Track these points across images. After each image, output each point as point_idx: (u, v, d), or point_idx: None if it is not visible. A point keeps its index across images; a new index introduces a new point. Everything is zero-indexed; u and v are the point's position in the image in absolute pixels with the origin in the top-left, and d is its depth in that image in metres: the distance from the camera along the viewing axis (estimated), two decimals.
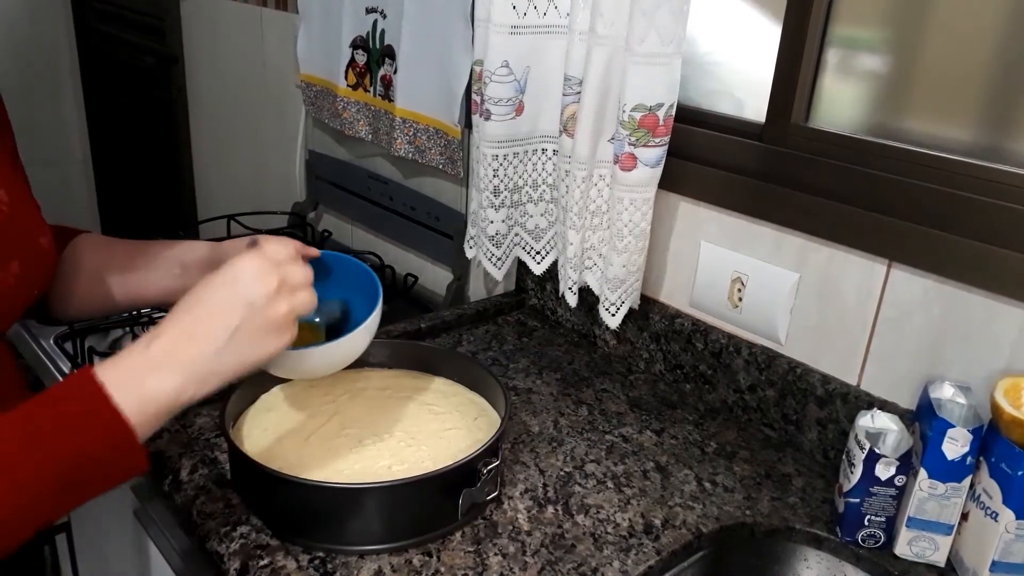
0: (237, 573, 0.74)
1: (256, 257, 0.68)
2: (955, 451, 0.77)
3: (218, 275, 0.67)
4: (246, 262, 0.67)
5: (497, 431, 0.84)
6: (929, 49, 0.93)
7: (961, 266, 0.84)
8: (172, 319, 0.66)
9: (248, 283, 0.66)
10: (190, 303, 0.66)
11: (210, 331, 0.65)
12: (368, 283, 0.86)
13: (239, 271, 0.67)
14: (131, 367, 0.62)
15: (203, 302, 0.66)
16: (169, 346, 0.64)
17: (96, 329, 1.31)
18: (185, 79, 2.19)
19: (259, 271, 0.67)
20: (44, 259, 0.77)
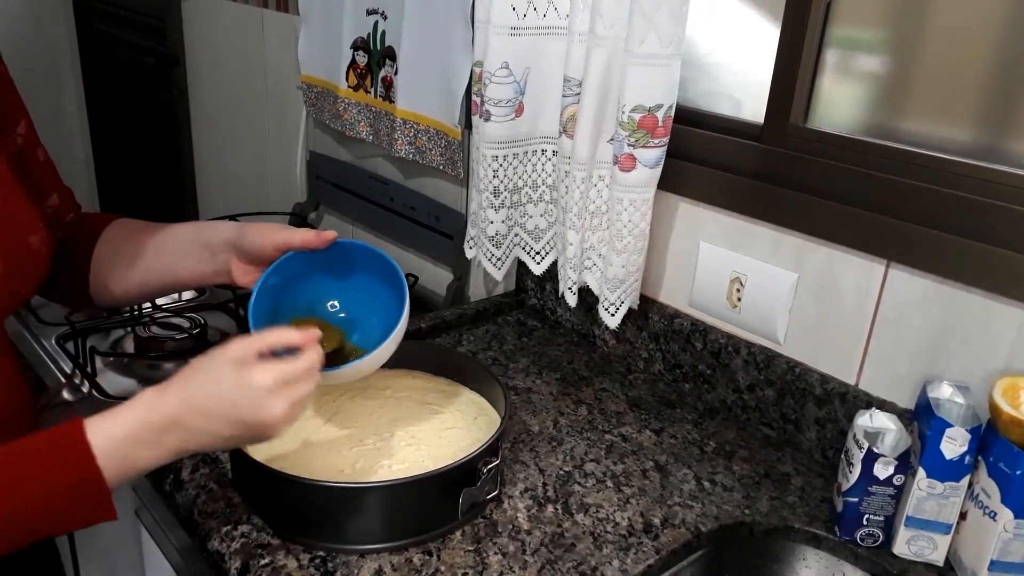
0: (238, 572, 0.74)
1: (272, 383, 0.67)
2: (953, 450, 0.77)
3: (233, 380, 0.67)
4: (261, 385, 0.66)
5: (497, 430, 0.84)
6: (928, 50, 0.93)
7: (959, 266, 0.85)
8: (176, 398, 0.66)
9: (253, 408, 0.67)
10: (197, 394, 0.67)
11: (203, 429, 0.67)
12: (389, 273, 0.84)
13: (249, 390, 0.66)
14: (121, 438, 0.64)
15: (207, 402, 0.66)
16: (162, 427, 0.65)
17: (97, 329, 1.32)
18: (186, 80, 2.19)
19: (269, 400, 0.67)
20: (32, 259, 0.75)
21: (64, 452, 0.63)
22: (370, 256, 0.85)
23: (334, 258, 0.85)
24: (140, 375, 1.22)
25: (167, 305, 1.43)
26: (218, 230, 0.85)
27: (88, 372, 1.19)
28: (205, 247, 0.85)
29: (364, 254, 0.86)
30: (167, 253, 0.86)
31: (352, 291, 0.88)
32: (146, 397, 0.66)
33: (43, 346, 1.27)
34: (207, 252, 0.85)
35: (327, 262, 0.85)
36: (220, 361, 0.68)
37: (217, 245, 0.84)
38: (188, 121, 2.24)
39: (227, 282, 0.86)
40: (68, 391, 1.16)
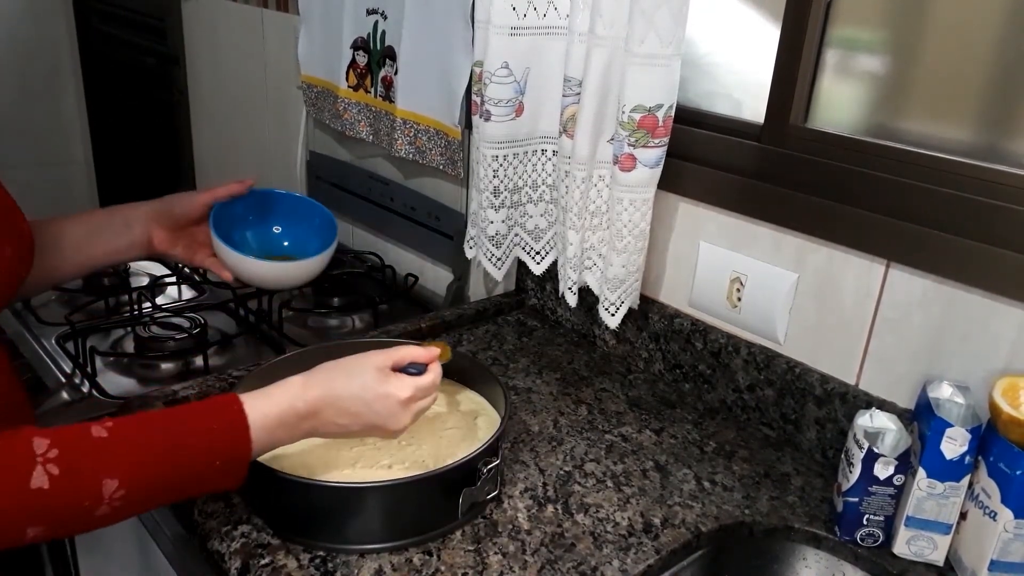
0: (238, 572, 0.75)
1: (408, 396, 0.76)
2: (953, 450, 0.77)
3: (376, 387, 0.76)
4: (398, 396, 0.76)
5: (497, 430, 0.84)
6: (928, 50, 0.93)
7: (959, 266, 0.85)
8: (320, 391, 0.75)
9: (386, 416, 0.76)
10: (340, 393, 0.75)
11: (334, 423, 0.75)
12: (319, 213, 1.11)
13: (388, 400, 0.76)
14: (273, 419, 0.72)
15: (347, 402, 0.75)
16: (304, 415, 0.74)
17: (97, 329, 1.32)
18: (186, 80, 2.19)
19: (401, 412, 0.77)
20: (28, 242, 0.81)
21: (226, 423, 0.70)
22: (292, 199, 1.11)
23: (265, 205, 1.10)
24: (140, 375, 1.22)
25: (167, 305, 1.43)
26: (135, 206, 0.98)
27: (88, 372, 1.19)
28: (120, 223, 0.96)
29: (287, 198, 1.11)
30: (74, 236, 0.94)
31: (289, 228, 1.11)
32: (294, 385, 0.74)
33: (43, 346, 1.27)
34: (122, 227, 0.96)
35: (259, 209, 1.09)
36: (365, 367, 0.77)
37: (135, 219, 0.97)
38: (188, 121, 2.24)
39: (142, 254, 0.99)
40: (68, 391, 1.16)
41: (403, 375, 0.78)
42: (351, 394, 0.75)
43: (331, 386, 0.75)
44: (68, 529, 0.65)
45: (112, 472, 0.64)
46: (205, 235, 1.02)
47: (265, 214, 1.10)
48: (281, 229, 1.11)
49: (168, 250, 1.00)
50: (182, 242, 1.01)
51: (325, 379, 0.76)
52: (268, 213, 1.11)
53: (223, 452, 0.70)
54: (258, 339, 1.34)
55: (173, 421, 0.69)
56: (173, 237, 1.00)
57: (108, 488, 0.63)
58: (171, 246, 1.00)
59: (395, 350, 0.79)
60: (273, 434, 0.72)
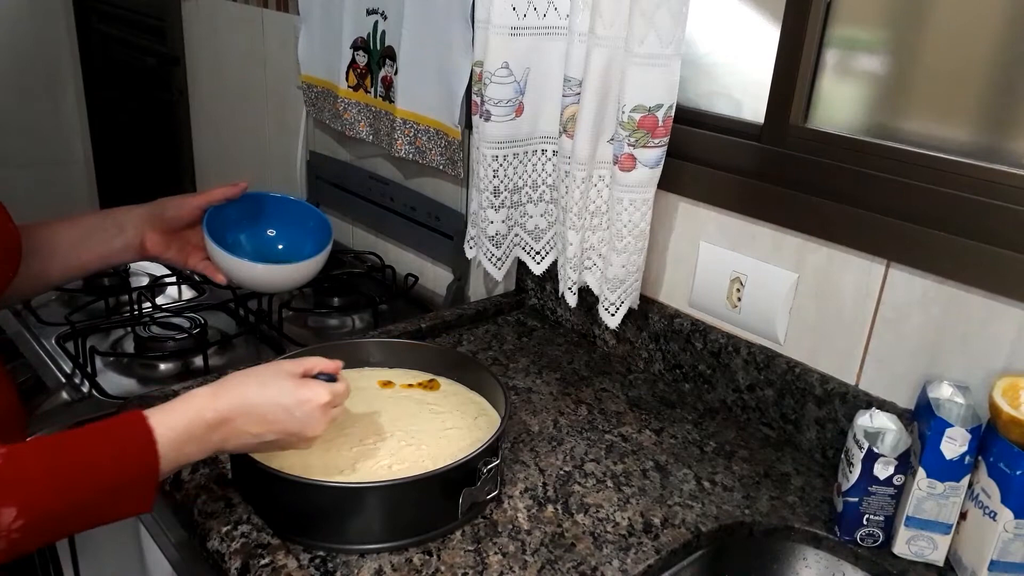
0: (238, 572, 0.74)
1: (327, 401, 0.76)
2: (953, 450, 0.77)
3: (292, 394, 0.74)
4: (317, 401, 0.75)
5: (497, 430, 0.84)
6: (928, 50, 0.93)
7: (959, 266, 0.85)
8: (232, 397, 0.72)
9: (304, 422, 0.75)
10: (254, 400, 0.73)
11: (247, 431, 0.73)
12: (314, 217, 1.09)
13: (306, 406, 0.75)
14: (180, 430, 0.69)
15: (261, 408, 0.73)
16: (214, 424, 0.71)
17: (97, 329, 1.32)
18: (186, 80, 2.19)
19: (318, 417, 0.76)
20: (14, 243, 0.80)
21: (131, 440, 0.67)
22: (285, 203, 1.10)
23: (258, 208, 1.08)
24: (140, 375, 1.22)
25: (167, 305, 1.43)
26: (128, 209, 0.97)
27: (88, 372, 1.19)
28: (113, 225, 0.96)
29: (281, 202, 1.09)
30: (65, 239, 0.93)
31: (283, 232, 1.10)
32: (201, 396, 0.72)
33: (43, 346, 1.27)
34: (115, 229, 0.95)
35: (252, 213, 1.07)
36: (278, 374, 0.76)
37: (127, 221, 0.96)
38: (188, 121, 2.24)
39: (135, 257, 0.99)
40: (68, 391, 1.16)
41: (319, 381, 0.78)
42: (268, 400, 0.73)
43: (243, 393, 0.73)
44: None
45: (8, 500, 0.59)
46: (198, 238, 1.00)
47: (259, 217, 1.09)
48: (275, 232, 1.10)
49: (161, 253, 0.99)
50: (175, 245, 1.00)
51: (236, 386, 0.74)
52: (262, 216, 1.09)
53: (129, 472, 0.66)
54: (258, 339, 1.34)
55: (73, 443, 0.65)
56: (166, 240, 0.99)
57: (5, 518, 0.59)
58: (164, 249, 0.99)
59: (302, 359, 0.79)
60: (182, 449, 0.69)
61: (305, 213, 1.11)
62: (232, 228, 1.05)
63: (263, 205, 1.09)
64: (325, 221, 1.09)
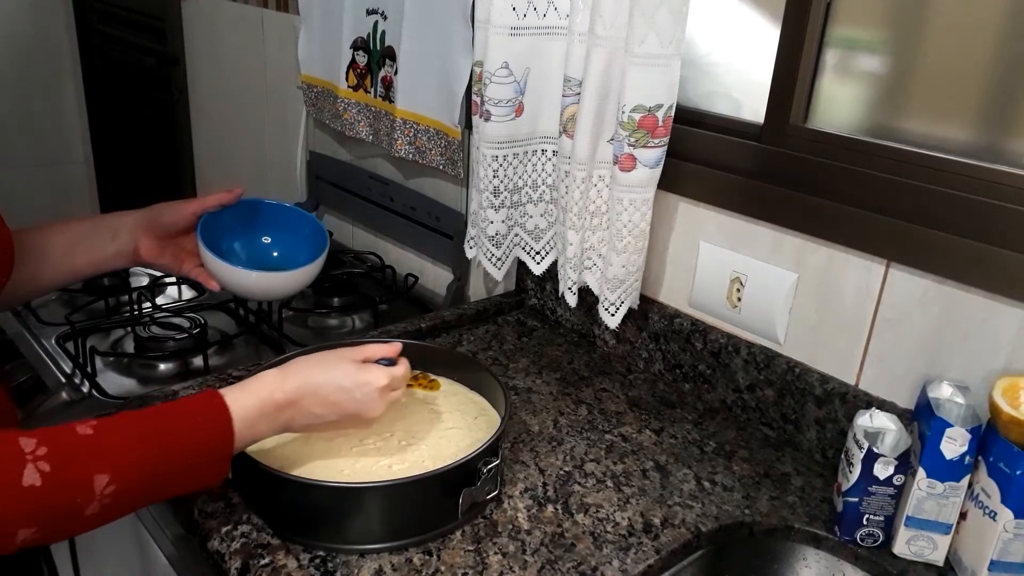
0: (238, 572, 0.74)
1: (386, 384, 0.80)
2: (953, 450, 0.77)
3: (355, 376, 0.78)
4: (377, 384, 0.79)
5: (497, 430, 0.84)
6: (928, 50, 0.93)
7: (959, 266, 0.85)
8: (299, 380, 0.77)
9: (365, 403, 0.79)
10: (319, 381, 0.77)
11: (313, 413, 0.77)
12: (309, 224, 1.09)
13: (367, 387, 0.79)
14: (253, 408, 0.74)
15: (326, 389, 0.77)
16: (283, 405, 0.75)
17: (97, 329, 1.32)
18: (186, 80, 2.19)
19: (378, 399, 0.79)
20: (8, 247, 0.81)
21: (209, 417, 0.71)
22: (281, 210, 1.09)
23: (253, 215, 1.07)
24: (140, 375, 1.22)
25: (167, 305, 1.43)
26: (122, 214, 0.97)
27: (88, 372, 1.19)
28: (107, 231, 0.96)
29: (277, 209, 1.09)
30: (58, 245, 0.93)
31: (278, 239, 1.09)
32: (271, 376, 0.76)
33: (43, 346, 1.27)
34: (108, 236, 0.95)
35: (247, 219, 1.06)
36: (341, 359, 0.80)
37: (121, 227, 0.96)
38: (188, 121, 2.24)
39: (128, 264, 0.99)
40: (68, 391, 1.16)
41: (379, 365, 0.81)
42: (332, 382, 0.77)
43: (310, 375, 0.77)
44: (58, 529, 0.64)
45: (102, 467, 0.64)
46: (193, 244, 1.00)
47: (254, 224, 1.08)
48: (271, 239, 1.09)
49: (155, 260, 0.99)
50: (169, 251, 1.00)
51: (302, 370, 0.78)
52: (258, 223, 1.09)
53: (207, 445, 0.71)
54: (258, 339, 1.34)
55: (156, 417, 0.70)
56: (160, 246, 0.99)
57: (99, 484, 0.63)
58: (158, 256, 0.99)
59: (363, 347, 0.83)
60: (254, 426, 0.73)
61: (301, 220, 1.10)
62: (227, 235, 1.04)
63: (259, 211, 1.09)
64: (321, 228, 1.08)
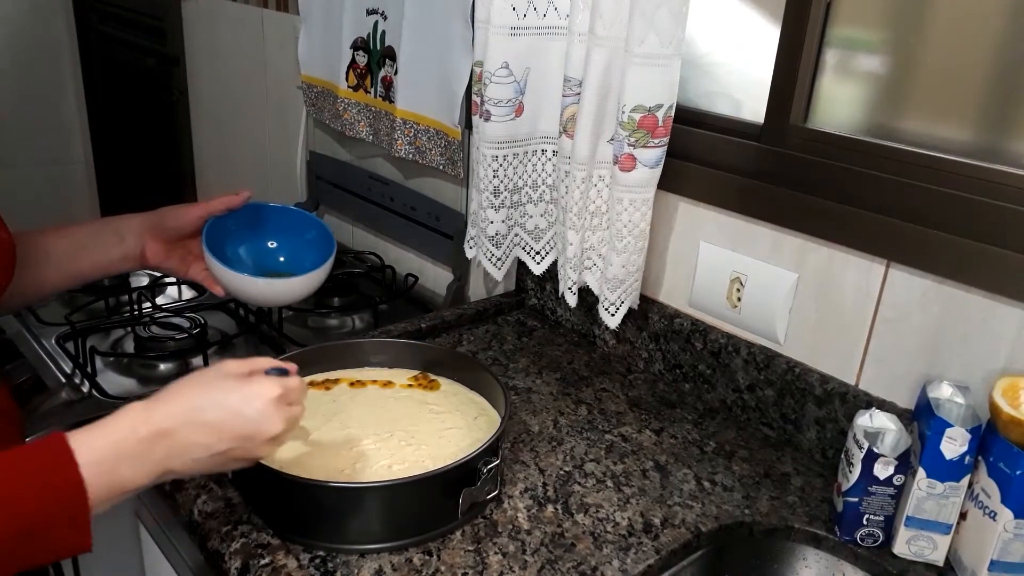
0: (238, 572, 0.74)
1: (278, 395, 0.68)
2: (953, 450, 0.77)
3: (237, 391, 0.67)
4: (267, 396, 0.68)
5: (497, 430, 0.84)
6: (928, 50, 0.93)
7: (959, 266, 0.85)
8: (171, 407, 0.65)
9: (257, 420, 0.67)
10: (197, 404, 0.66)
11: (197, 442, 0.65)
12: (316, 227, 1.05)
13: (255, 402, 0.67)
14: (106, 451, 0.62)
15: (206, 412, 0.66)
16: (151, 437, 0.63)
17: (97, 329, 1.32)
18: (186, 80, 2.19)
19: (273, 413, 0.68)
20: (9, 250, 0.80)
21: (50, 469, 0.59)
22: (288, 213, 1.06)
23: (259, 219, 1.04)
24: (140, 375, 1.22)
25: (167, 305, 1.43)
26: (127, 217, 0.95)
27: (88, 372, 1.19)
28: (113, 234, 0.94)
29: (283, 213, 1.06)
30: (63, 248, 0.92)
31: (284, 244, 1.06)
32: (132, 410, 0.64)
33: (43, 346, 1.27)
34: (115, 238, 0.94)
35: (253, 224, 1.04)
36: (219, 375, 0.69)
37: (127, 231, 0.94)
38: (188, 121, 2.24)
39: (135, 267, 0.97)
40: (68, 391, 1.16)
41: (268, 376, 0.71)
42: (212, 403, 0.66)
43: (183, 399, 0.66)
44: None
45: None
46: (199, 247, 0.98)
47: (260, 227, 1.06)
48: (276, 244, 1.07)
49: (161, 263, 0.98)
50: (176, 255, 0.99)
51: (174, 395, 0.66)
52: (263, 226, 1.06)
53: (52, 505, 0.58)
54: (258, 339, 1.34)
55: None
56: (166, 250, 0.98)
57: None
58: (164, 259, 0.97)
59: (250, 360, 0.72)
60: (115, 473, 0.61)
61: (307, 224, 1.07)
62: (232, 239, 1.02)
63: (265, 215, 1.06)
64: (327, 233, 1.05)
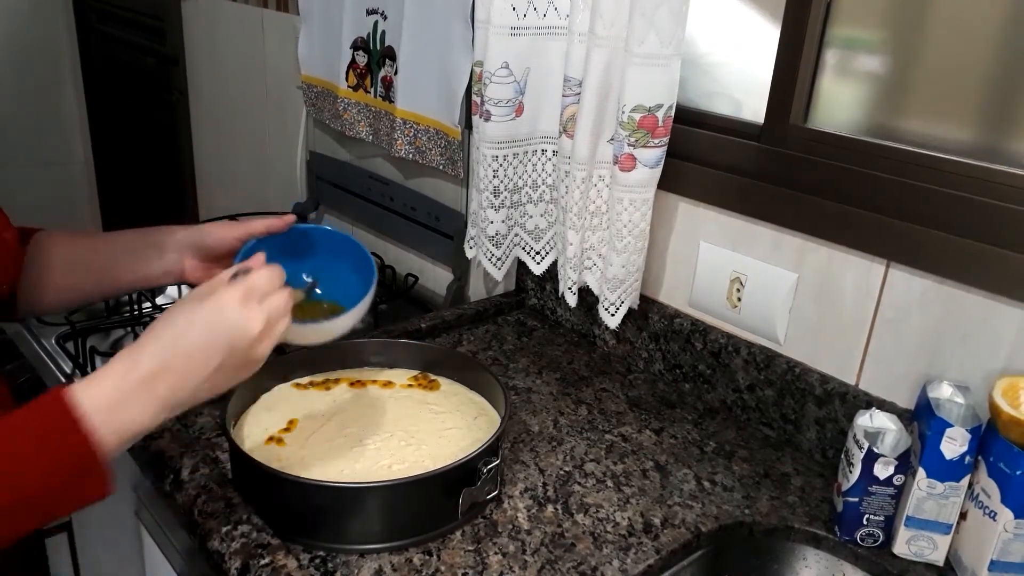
0: (238, 572, 0.74)
1: (241, 296, 0.67)
2: (953, 450, 0.77)
3: (202, 308, 0.66)
4: (231, 301, 0.66)
5: (497, 430, 0.84)
6: (928, 50, 0.93)
7: (959, 266, 0.85)
8: (152, 347, 0.65)
9: (232, 325, 0.66)
10: (172, 334, 0.65)
11: (190, 368, 0.65)
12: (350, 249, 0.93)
13: (224, 311, 0.66)
14: (109, 393, 0.62)
15: (185, 337, 0.65)
16: (149, 377, 0.63)
17: (97, 329, 1.32)
18: (186, 80, 2.19)
19: (244, 313, 0.66)
20: (10, 253, 0.78)
21: (53, 423, 0.60)
22: (330, 237, 0.95)
23: (299, 242, 0.94)
24: None
25: (167, 305, 1.43)
26: (169, 231, 0.91)
27: (88, 372, 1.19)
28: (154, 247, 0.90)
29: (325, 236, 0.95)
30: (104, 256, 0.90)
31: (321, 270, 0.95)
32: (123, 353, 0.64)
33: (43, 346, 1.27)
34: (155, 252, 0.90)
35: (292, 247, 0.93)
36: (186, 300, 0.68)
37: (168, 245, 0.90)
38: (188, 121, 2.24)
39: (173, 282, 0.93)
40: None
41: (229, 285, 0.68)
42: (184, 326, 0.65)
43: (160, 332, 0.65)
44: None
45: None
46: None
47: (298, 252, 0.96)
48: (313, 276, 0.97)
49: (199, 280, 0.91)
50: (214, 273, 0.91)
51: (152, 331, 0.66)
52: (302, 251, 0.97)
53: (62, 457, 0.59)
54: None
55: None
56: (204, 268, 0.93)
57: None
58: (202, 277, 0.92)
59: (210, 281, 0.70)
60: (123, 414, 0.62)
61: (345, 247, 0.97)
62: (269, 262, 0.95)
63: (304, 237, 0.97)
64: (368, 260, 0.95)
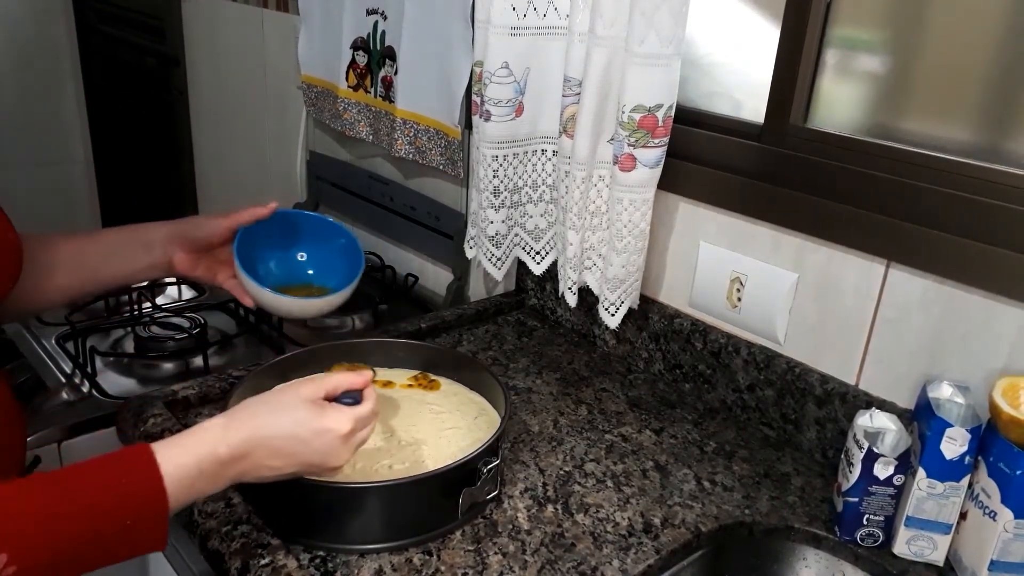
0: (238, 572, 0.74)
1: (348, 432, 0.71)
2: (953, 450, 0.77)
3: (311, 423, 0.70)
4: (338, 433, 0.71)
5: (497, 430, 0.84)
6: (928, 50, 0.93)
7: (959, 266, 0.85)
8: (246, 433, 0.68)
9: (326, 452, 0.71)
10: (270, 431, 0.69)
11: (267, 464, 0.69)
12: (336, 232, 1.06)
13: (327, 435, 0.70)
14: (190, 470, 0.65)
15: (279, 438, 0.69)
16: (229, 461, 0.67)
17: (97, 329, 1.32)
18: (186, 80, 2.19)
19: (343, 447, 0.71)
20: (13, 252, 0.79)
21: (136, 481, 0.63)
22: (312, 221, 1.07)
23: (288, 229, 1.05)
24: (140, 375, 1.22)
25: (167, 305, 1.43)
26: (155, 227, 0.95)
27: (88, 372, 1.19)
28: (140, 244, 0.93)
29: (308, 220, 1.07)
30: (88, 256, 0.92)
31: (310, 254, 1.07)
32: (214, 428, 0.68)
33: (43, 346, 1.27)
34: (142, 248, 0.93)
35: (281, 234, 1.04)
36: (295, 402, 0.71)
37: (155, 240, 0.94)
38: (188, 121, 2.24)
39: (160, 276, 0.97)
40: (68, 391, 1.16)
41: (339, 405, 0.73)
42: (284, 433, 0.69)
43: (257, 425, 0.69)
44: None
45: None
46: (226, 255, 0.98)
47: (289, 237, 1.06)
48: (306, 256, 1.07)
49: (189, 272, 0.97)
50: (203, 264, 0.98)
51: (249, 418, 0.69)
52: (292, 236, 1.06)
53: (134, 514, 0.62)
54: (258, 339, 1.34)
55: (73, 484, 0.61)
56: (194, 260, 0.97)
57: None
58: (191, 269, 0.97)
59: (326, 379, 0.74)
60: (192, 487, 0.65)
61: (335, 233, 1.07)
62: (261, 249, 1.02)
63: (293, 223, 1.06)
64: (355, 243, 1.05)
